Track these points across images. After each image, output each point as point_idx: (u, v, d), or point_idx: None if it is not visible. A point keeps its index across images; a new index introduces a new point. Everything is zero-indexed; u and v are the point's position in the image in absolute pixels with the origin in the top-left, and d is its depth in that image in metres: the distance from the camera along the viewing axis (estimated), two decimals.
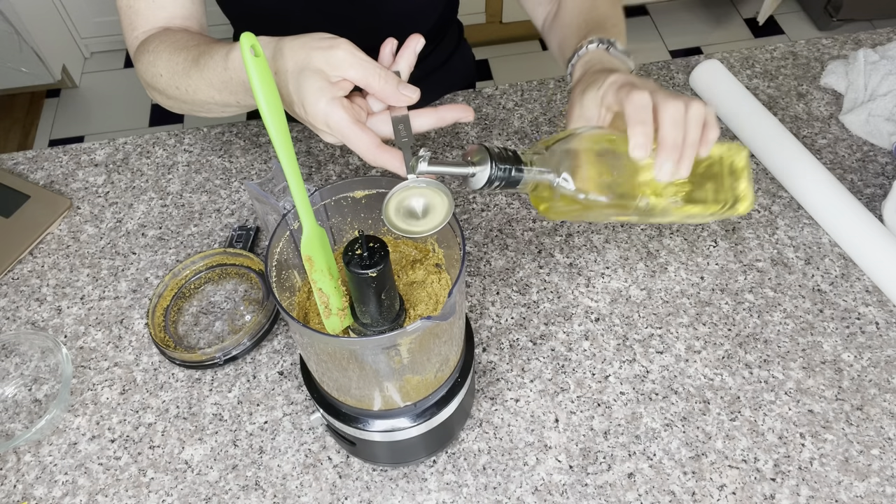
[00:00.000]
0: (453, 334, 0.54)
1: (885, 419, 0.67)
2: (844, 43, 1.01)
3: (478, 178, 0.52)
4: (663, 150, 0.54)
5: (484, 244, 0.81)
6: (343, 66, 0.51)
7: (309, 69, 0.51)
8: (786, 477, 0.64)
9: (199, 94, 0.66)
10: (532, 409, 0.69)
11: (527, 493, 0.64)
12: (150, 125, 2.21)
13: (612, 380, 0.70)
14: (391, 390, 0.54)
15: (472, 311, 0.76)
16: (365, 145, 0.51)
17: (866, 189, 0.84)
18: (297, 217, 0.48)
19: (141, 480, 0.66)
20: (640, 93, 0.54)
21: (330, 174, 0.88)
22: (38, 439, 0.69)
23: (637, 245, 0.80)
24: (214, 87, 0.63)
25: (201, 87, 0.65)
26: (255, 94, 0.43)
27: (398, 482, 0.65)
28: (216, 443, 0.68)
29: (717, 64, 0.92)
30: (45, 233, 0.84)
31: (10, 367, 0.74)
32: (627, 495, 0.64)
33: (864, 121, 0.88)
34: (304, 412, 0.69)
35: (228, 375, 0.72)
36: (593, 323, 0.74)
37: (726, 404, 0.69)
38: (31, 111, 2.25)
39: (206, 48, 0.64)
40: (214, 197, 0.87)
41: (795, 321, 0.74)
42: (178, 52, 0.67)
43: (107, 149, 0.93)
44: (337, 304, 0.52)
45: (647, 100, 0.54)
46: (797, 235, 0.80)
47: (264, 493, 0.65)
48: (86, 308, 0.78)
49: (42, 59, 2.13)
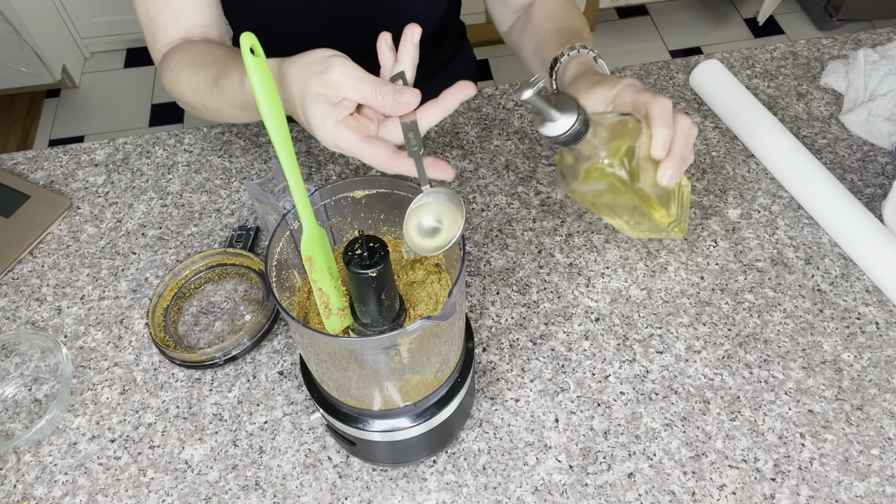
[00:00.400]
0: (453, 334, 0.54)
1: (885, 419, 0.67)
2: (844, 43, 1.01)
3: (558, 125, 0.57)
4: (672, 158, 0.61)
5: (484, 244, 0.81)
6: (340, 88, 0.51)
7: (310, 96, 0.52)
8: (786, 477, 0.64)
9: (223, 111, 0.68)
10: (532, 408, 0.69)
11: (527, 493, 0.64)
12: (150, 125, 2.21)
13: (612, 380, 0.70)
14: (391, 390, 0.54)
15: (472, 311, 0.76)
16: (378, 159, 0.52)
17: (866, 189, 0.84)
18: (297, 217, 0.48)
19: (141, 480, 0.66)
20: (666, 100, 0.61)
21: (330, 174, 0.88)
22: (38, 439, 0.69)
23: (637, 245, 0.80)
24: (236, 107, 0.65)
25: (224, 106, 0.66)
26: (255, 94, 0.43)
27: (398, 482, 0.65)
28: (216, 443, 0.68)
29: (717, 64, 0.92)
30: (45, 233, 0.84)
31: (10, 367, 0.74)
32: (627, 495, 0.64)
33: (864, 121, 0.88)
34: (304, 412, 0.69)
35: (228, 375, 0.72)
36: (593, 323, 0.74)
37: (726, 404, 0.69)
38: (31, 111, 2.25)
39: (223, 68, 0.64)
40: (214, 197, 0.87)
41: (795, 321, 0.74)
42: (198, 71, 0.68)
43: (107, 149, 0.93)
44: (337, 304, 0.52)
45: (671, 107, 0.61)
46: (797, 235, 0.80)
47: (264, 493, 0.65)
48: (86, 308, 0.78)
49: (42, 59, 2.13)
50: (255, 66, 0.42)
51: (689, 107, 0.93)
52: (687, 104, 0.93)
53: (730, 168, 0.86)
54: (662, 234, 0.77)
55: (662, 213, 0.69)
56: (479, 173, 0.87)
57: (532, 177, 0.87)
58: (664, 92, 0.95)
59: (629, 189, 0.64)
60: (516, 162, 0.88)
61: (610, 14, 2.52)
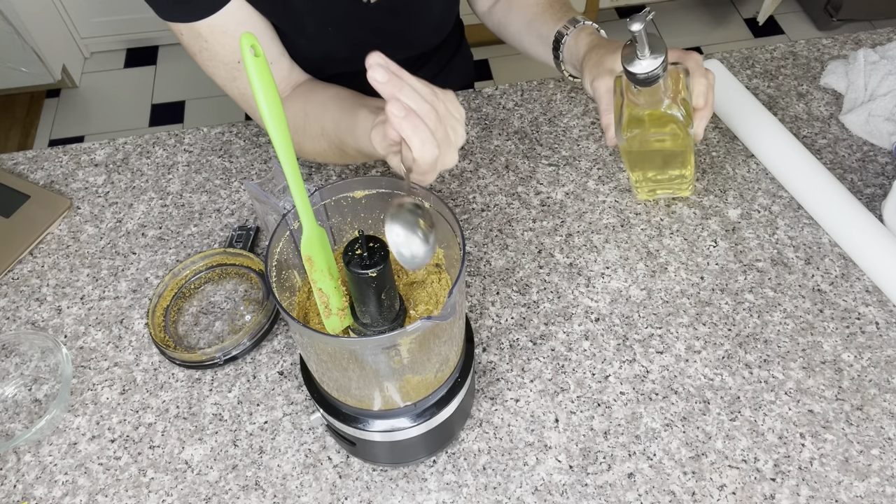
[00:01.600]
0: (453, 334, 0.54)
1: (885, 419, 0.67)
2: (844, 43, 1.01)
3: (646, 63, 0.63)
4: (708, 108, 0.71)
5: (484, 244, 0.81)
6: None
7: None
8: (786, 477, 0.64)
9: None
10: (532, 409, 0.69)
11: (527, 493, 0.64)
12: (150, 125, 2.21)
13: (612, 380, 0.70)
14: (391, 390, 0.54)
15: (472, 311, 0.76)
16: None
17: (866, 189, 0.84)
18: (297, 217, 0.48)
19: (141, 480, 0.66)
20: (697, 55, 0.71)
21: (330, 174, 0.88)
22: (38, 439, 0.69)
23: (637, 245, 0.80)
24: (360, 157, 0.75)
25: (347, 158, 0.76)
26: (255, 94, 0.43)
27: (398, 482, 0.65)
28: (216, 443, 0.68)
29: (717, 64, 0.92)
30: (45, 233, 0.84)
31: (10, 367, 0.74)
32: (627, 495, 0.64)
33: (864, 121, 0.88)
34: (304, 412, 0.69)
35: (228, 375, 0.72)
36: (593, 323, 0.74)
37: (726, 404, 0.69)
38: (31, 111, 2.25)
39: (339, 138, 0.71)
40: (214, 197, 0.87)
41: (795, 321, 0.74)
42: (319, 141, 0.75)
43: (107, 149, 0.93)
44: (337, 304, 0.52)
45: (702, 60, 0.71)
46: (797, 235, 0.80)
47: (264, 493, 0.65)
48: (86, 308, 0.78)
49: (42, 59, 2.13)
50: (255, 66, 0.42)
51: None
52: None
53: (730, 168, 0.86)
54: (674, 190, 0.81)
55: (692, 163, 0.75)
56: (479, 173, 0.87)
57: (532, 177, 0.87)
58: None
59: (685, 133, 0.68)
60: (516, 162, 0.88)
61: (610, 14, 2.52)
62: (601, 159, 0.88)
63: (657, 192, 0.82)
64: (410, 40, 0.89)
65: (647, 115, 0.69)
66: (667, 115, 0.68)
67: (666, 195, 0.83)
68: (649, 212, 0.83)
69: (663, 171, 0.77)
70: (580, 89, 0.96)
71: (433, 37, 0.92)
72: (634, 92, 0.67)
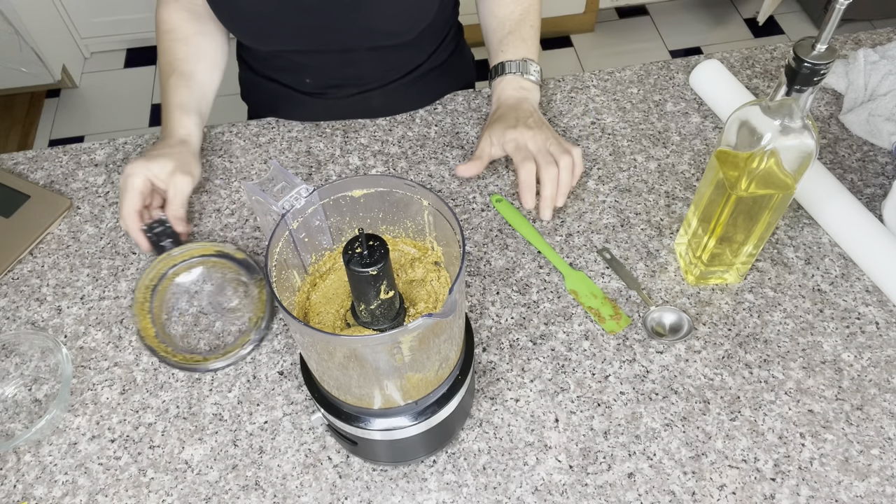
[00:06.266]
0: (453, 332, 0.54)
1: (885, 419, 0.67)
2: (844, 43, 1.01)
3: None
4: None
5: (484, 244, 0.81)
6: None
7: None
8: (786, 477, 0.64)
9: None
10: (532, 408, 0.69)
11: (527, 493, 0.64)
12: (150, 125, 2.21)
13: (612, 380, 0.70)
14: (392, 389, 0.54)
15: (472, 310, 0.76)
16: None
17: (866, 189, 0.84)
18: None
19: (141, 480, 0.66)
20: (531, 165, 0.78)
21: (330, 174, 0.88)
22: (38, 439, 0.69)
23: (637, 245, 0.80)
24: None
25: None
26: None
27: (398, 482, 0.65)
28: (216, 443, 0.68)
29: (717, 64, 0.92)
30: (45, 233, 0.84)
31: (10, 367, 0.74)
32: (627, 495, 0.64)
33: (864, 121, 0.88)
34: (304, 412, 0.69)
35: (228, 375, 0.72)
36: (593, 323, 0.74)
37: (726, 404, 0.69)
38: (31, 111, 2.25)
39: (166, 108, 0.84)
40: (214, 197, 0.87)
41: (795, 321, 0.74)
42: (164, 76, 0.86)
43: (107, 149, 0.93)
44: (608, 311, 0.74)
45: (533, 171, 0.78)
46: (797, 235, 0.80)
47: (264, 493, 0.65)
48: (86, 308, 0.78)
49: (42, 59, 2.13)
50: None
51: (689, 107, 0.93)
52: (687, 104, 0.93)
53: None
54: (721, 276, 0.76)
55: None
56: (479, 173, 0.87)
57: None
58: (664, 92, 0.95)
59: (790, 193, 0.64)
60: None
61: (610, 14, 2.52)
62: (601, 159, 0.88)
63: (709, 281, 0.76)
64: (369, 28, 0.86)
65: (759, 172, 0.63)
66: (775, 172, 0.62)
67: (713, 281, 0.77)
68: (649, 212, 0.83)
69: (756, 236, 0.70)
70: (580, 89, 0.96)
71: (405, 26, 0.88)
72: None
